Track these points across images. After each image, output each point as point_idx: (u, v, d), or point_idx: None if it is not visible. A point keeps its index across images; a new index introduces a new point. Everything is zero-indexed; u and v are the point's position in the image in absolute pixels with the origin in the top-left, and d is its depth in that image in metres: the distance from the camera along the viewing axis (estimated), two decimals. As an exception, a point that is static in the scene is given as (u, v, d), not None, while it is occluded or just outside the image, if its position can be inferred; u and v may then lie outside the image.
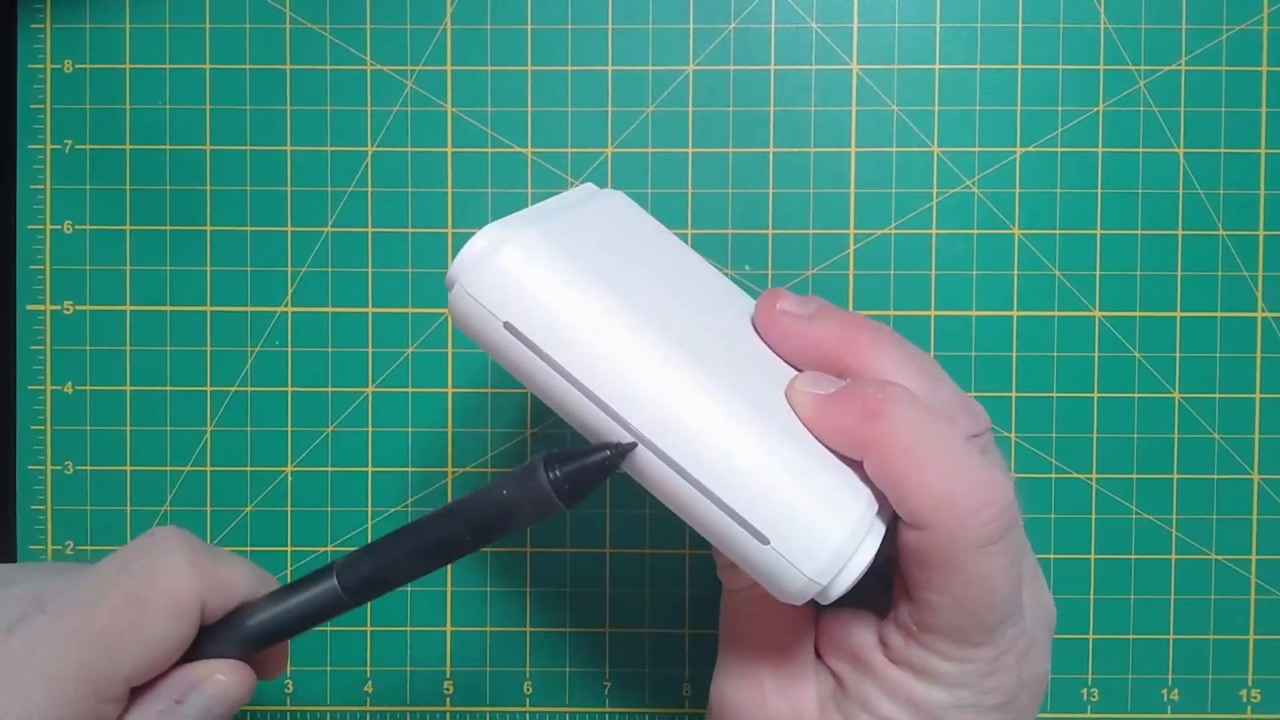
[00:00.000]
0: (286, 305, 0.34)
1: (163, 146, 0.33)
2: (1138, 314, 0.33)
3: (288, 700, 0.34)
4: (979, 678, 0.22)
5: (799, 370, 0.24)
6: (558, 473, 0.21)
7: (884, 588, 0.24)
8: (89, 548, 0.34)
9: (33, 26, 0.33)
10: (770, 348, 0.25)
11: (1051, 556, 0.33)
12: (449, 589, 0.34)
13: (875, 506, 0.22)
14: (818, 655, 0.25)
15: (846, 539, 0.21)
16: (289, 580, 0.33)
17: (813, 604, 0.23)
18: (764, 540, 0.21)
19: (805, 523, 0.20)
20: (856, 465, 0.22)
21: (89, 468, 0.34)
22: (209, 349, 0.34)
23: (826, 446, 0.22)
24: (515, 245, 0.21)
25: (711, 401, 0.21)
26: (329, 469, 0.33)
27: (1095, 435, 0.33)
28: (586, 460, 0.21)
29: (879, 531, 0.22)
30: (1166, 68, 0.33)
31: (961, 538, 0.21)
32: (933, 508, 0.21)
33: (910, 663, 0.23)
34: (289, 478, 0.34)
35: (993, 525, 0.21)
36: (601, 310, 0.21)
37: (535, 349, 0.21)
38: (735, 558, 0.21)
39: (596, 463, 0.21)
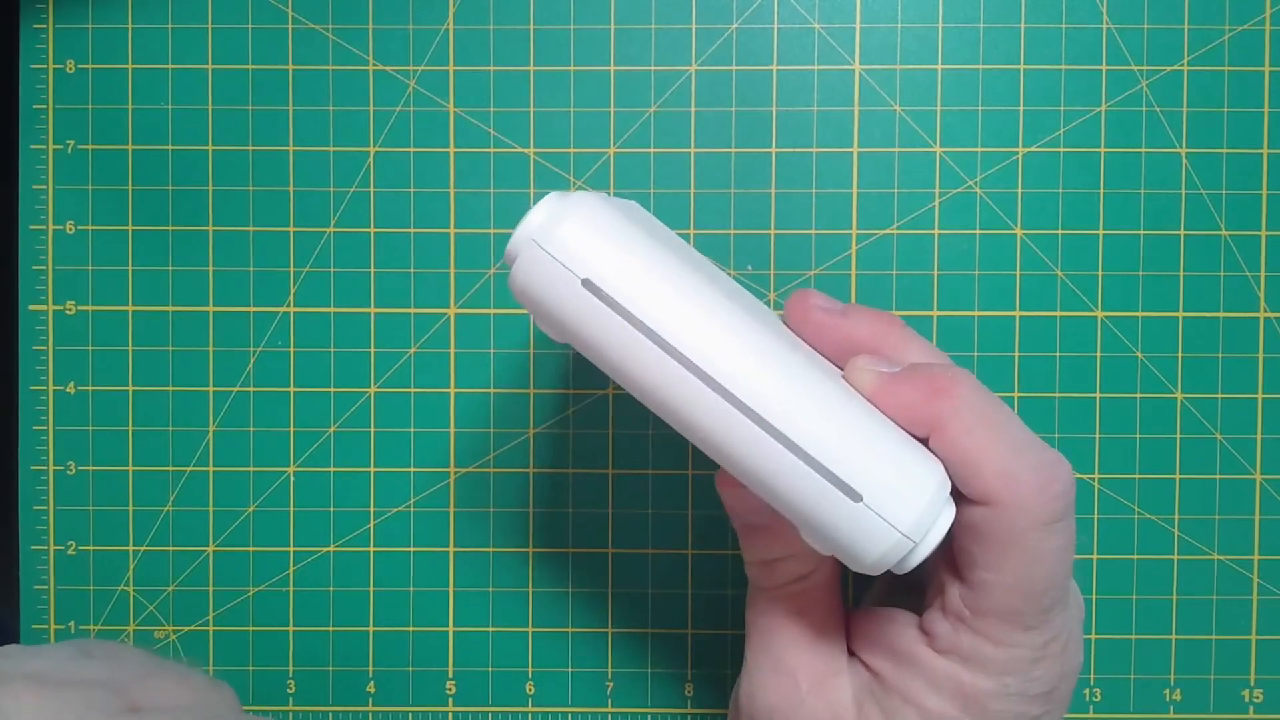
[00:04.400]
0: (289, 305, 0.34)
1: (165, 147, 0.33)
2: (1140, 314, 0.33)
3: (290, 700, 0.34)
4: (1027, 665, 0.22)
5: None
6: None
7: (917, 590, 0.25)
8: (91, 548, 0.34)
9: (35, 26, 0.33)
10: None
11: (1054, 557, 0.33)
12: (451, 589, 0.34)
13: (948, 479, 0.22)
14: (850, 653, 0.25)
15: (934, 498, 0.21)
16: (291, 580, 0.33)
17: (870, 584, 0.23)
18: (856, 497, 0.20)
19: (897, 479, 0.20)
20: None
21: (91, 468, 0.34)
22: (211, 349, 0.34)
23: None
24: (591, 204, 0.21)
25: (797, 362, 0.21)
26: (331, 469, 0.33)
27: (1098, 435, 0.33)
28: None
29: (952, 504, 0.22)
30: (1169, 68, 0.33)
31: (1027, 514, 0.21)
32: (999, 483, 0.21)
33: (959, 650, 0.23)
34: (291, 478, 0.34)
35: (1057, 503, 0.22)
36: (680, 269, 0.21)
37: (616, 305, 0.20)
38: (816, 523, 0.21)
39: None
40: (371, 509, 0.34)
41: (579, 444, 0.33)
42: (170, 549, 0.34)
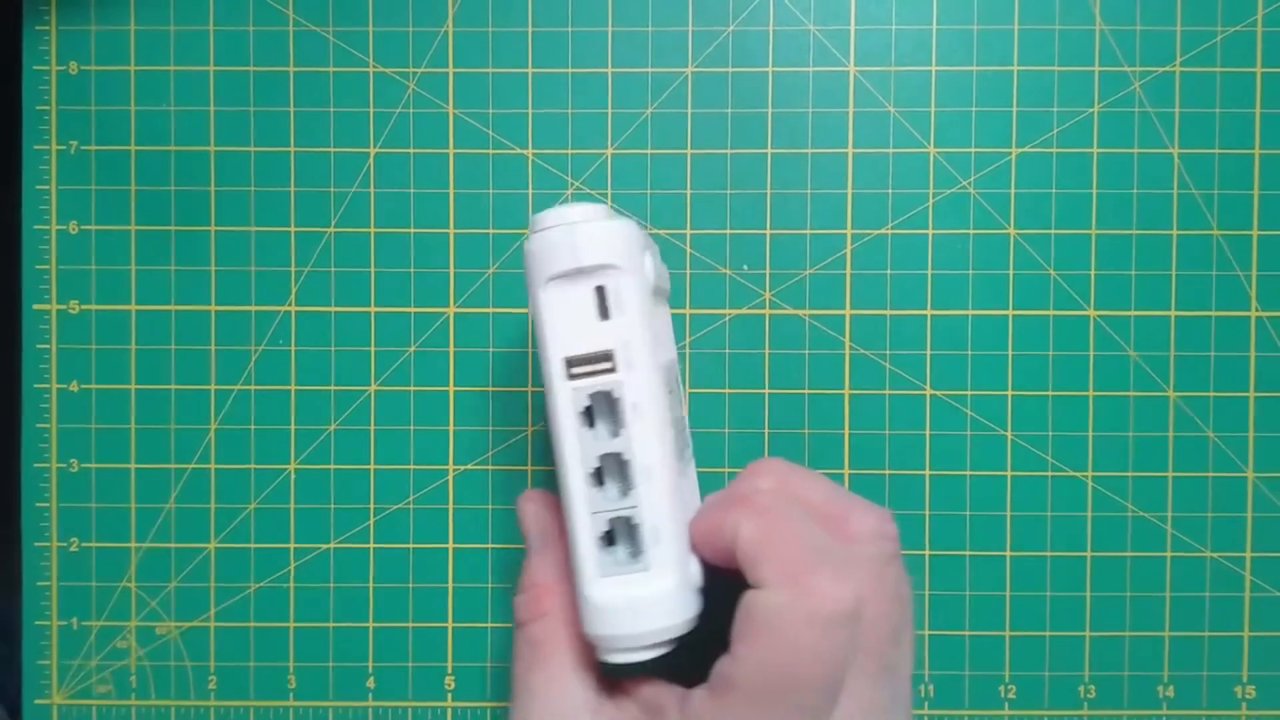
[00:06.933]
0: (290, 305, 0.34)
1: (167, 148, 0.34)
2: (1132, 313, 0.33)
3: (290, 695, 0.34)
4: None
5: None
6: None
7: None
8: (93, 545, 0.34)
9: (38, 28, 0.34)
10: None
11: (1048, 554, 0.33)
12: (450, 585, 0.34)
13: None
14: None
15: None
16: (292, 576, 0.34)
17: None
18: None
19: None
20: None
21: (93, 465, 0.34)
22: (213, 348, 0.34)
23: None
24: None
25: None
26: (331, 467, 0.34)
27: (1091, 434, 0.33)
28: None
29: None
30: (1161, 69, 0.33)
31: (793, 601, 0.22)
32: (775, 573, 0.22)
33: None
34: (292, 475, 0.34)
35: (826, 608, 0.22)
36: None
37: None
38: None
39: None
40: (371, 506, 0.34)
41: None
42: (172, 545, 0.34)
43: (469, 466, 0.34)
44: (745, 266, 0.34)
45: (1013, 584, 0.34)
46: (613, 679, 0.25)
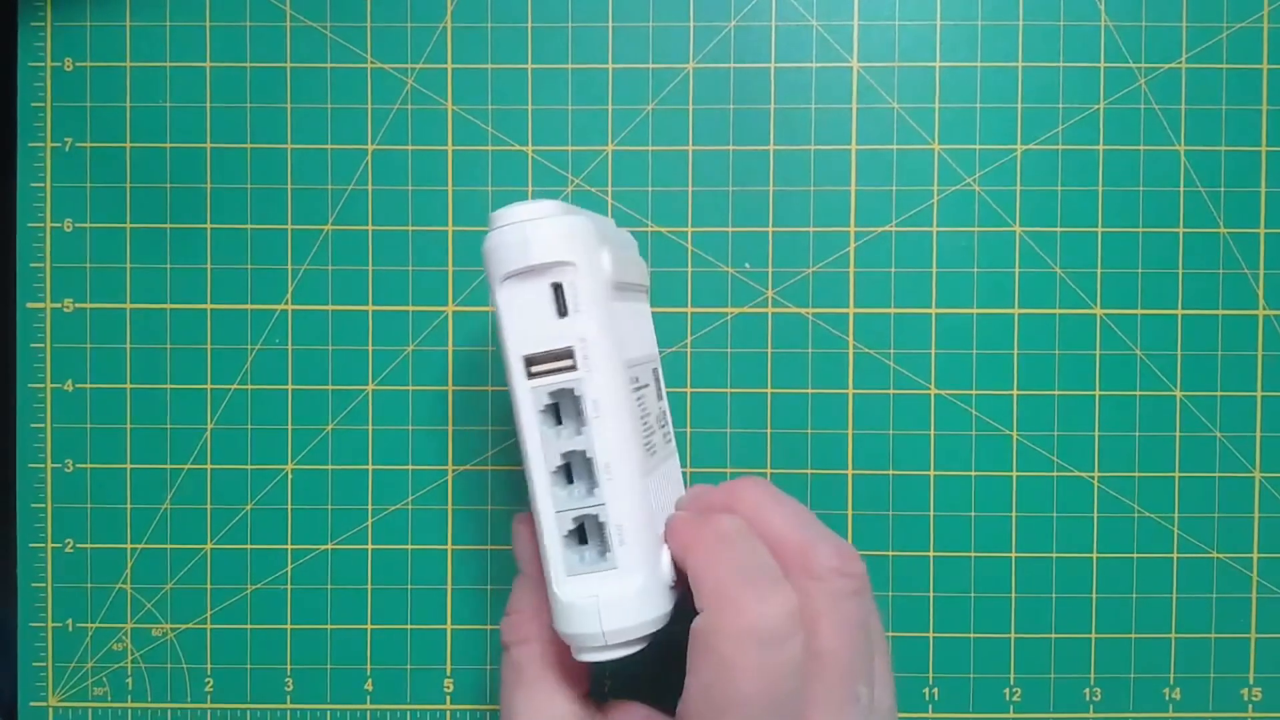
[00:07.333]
0: (287, 303, 0.34)
1: (163, 144, 0.33)
2: (1139, 311, 0.33)
3: (288, 698, 0.34)
4: None
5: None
6: None
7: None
8: (89, 546, 0.34)
9: (33, 24, 0.33)
10: None
11: (1053, 555, 0.33)
12: (449, 587, 0.34)
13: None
14: None
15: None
16: (289, 578, 0.33)
17: None
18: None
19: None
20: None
21: (89, 465, 0.34)
22: (209, 347, 0.34)
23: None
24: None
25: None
26: (329, 467, 0.33)
27: (1097, 433, 0.33)
28: None
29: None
30: (1167, 65, 0.33)
31: (728, 618, 0.22)
32: (711, 594, 0.23)
33: None
34: (289, 475, 0.34)
35: (764, 619, 0.22)
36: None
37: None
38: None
39: None
40: (369, 507, 0.33)
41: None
42: (168, 547, 0.34)
43: (468, 467, 0.34)
44: (747, 264, 0.33)
45: (1018, 585, 0.33)
46: (598, 701, 0.26)
